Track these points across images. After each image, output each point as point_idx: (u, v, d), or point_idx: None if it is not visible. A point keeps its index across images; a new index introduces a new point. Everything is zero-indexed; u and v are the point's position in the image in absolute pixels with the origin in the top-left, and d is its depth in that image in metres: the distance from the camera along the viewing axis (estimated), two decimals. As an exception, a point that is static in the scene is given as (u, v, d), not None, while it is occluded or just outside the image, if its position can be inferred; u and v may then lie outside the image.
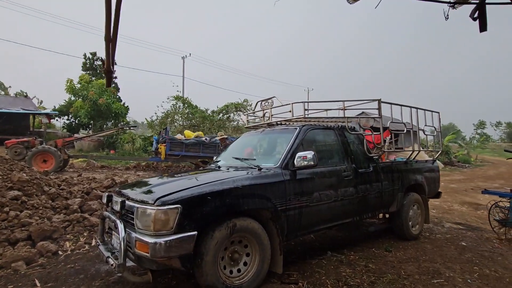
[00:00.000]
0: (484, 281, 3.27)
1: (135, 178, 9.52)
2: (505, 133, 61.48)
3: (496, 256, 4.14)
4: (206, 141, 10.47)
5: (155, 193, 2.59)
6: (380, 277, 3.22)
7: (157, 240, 2.30)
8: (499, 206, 5.15)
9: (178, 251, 2.36)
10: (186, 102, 15.87)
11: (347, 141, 4.09)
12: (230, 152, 4.36)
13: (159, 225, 2.35)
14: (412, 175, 4.83)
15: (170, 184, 2.91)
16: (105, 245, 2.95)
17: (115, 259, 2.49)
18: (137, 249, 2.39)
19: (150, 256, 2.30)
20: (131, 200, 2.67)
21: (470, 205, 8.28)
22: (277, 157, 3.41)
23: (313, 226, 3.43)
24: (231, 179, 2.86)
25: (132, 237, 2.44)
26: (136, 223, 2.47)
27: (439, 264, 3.68)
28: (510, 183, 12.16)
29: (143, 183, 3.18)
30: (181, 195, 2.49)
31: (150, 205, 2.42)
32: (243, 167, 3.42)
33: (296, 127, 3.79)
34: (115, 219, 2.67)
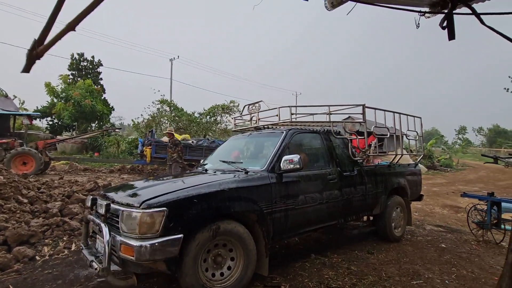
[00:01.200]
0: (461, 282, 3.37)
1: (120, 181, 9.36)
2: (485, 137, 63.67)
3: (473, 258, 4.27)
4: (192, 144, 10.40)
5: (140, 196, 2.56)
6: (361, 279, 3.26)
7: (143, 243, 2.28)
8: (477, 209, 5.32)
9: (164, 254, 2.34)
10: (172, 105, 15.72)
11: (332, 145, 4.15)
12: (217, 156, 4.37)
13: (144, 228, 2.33)
14: (395, 178, 4.94)
15: (155, 187, 2.88)
16: (89, 249, 2.89)
17: (99, 263, 2.45)
18: (122, 252, 2.36)
19: (135, 259, 2.27)
20: (116, 203, 2.64)
21: (451, 208, 8.51)
22: (264, 160, 3.43)
23: (298, 228, 3.45)
24: (217, 182, 2.86)
25: (117, 240, 2.41)
26: (121, 226, 2.44)
27: (419, 266, 3.76)
28: (489, 187, 12.58)
29: (128, 186, 3.15)
30: (167, 198, 2.48)
31: (136, 208, 2.40)
32: (230, 170, 3.43)
33: (282, 130, 3.84)
34: (100, 222, 2.62)
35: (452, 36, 1.55)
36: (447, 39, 1.52)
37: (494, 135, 60.20)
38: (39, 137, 13.06)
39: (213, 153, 4.72)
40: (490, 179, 17.32)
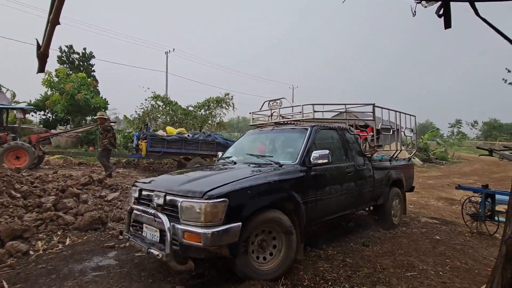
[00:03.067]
0: (454, 273, 3.40)
1: (115, 175, 9.29)
2: (480, 131, 64.15)
3: (467, 249, 4.31)
4: (188, 137, 10.32)
5: (199, 187, 2.73)
6: (356, 271, 3.28)
7: (209, 230, 2.49)
8: (471, 201, 5.36)
9: (227, 240, 2.57)
10: (165, 100, 15.52)
11: (347, 141, 4.47)
12: (241, 149, 4.66)
13: (209, 217, 2.54)
14: (394, 172, 5.34)
15: (207, 179, 3.14)
16: (136, 237, 3.08)
17: (160, 250, 2.64)
18: (185, 239, 2.56)
19: (203, 245, 2.48)
20: (171, 194, 2.81)
21: (446, 201, 8.58)
22: (294, 154, 3.71)
23: (323, 217, 3.81)
24: (263, 175, 3.14)
25: (177, 228, 2.60)
26: (182, 215, 2.65)
27: (413, 258, 3.79)
28: (483, 179, 12.71)
29: (172, 179, 3.47)
30: (226, 190, 2.69)
31: (198, 199, 2.59)
32: (264, 164, 3.66)
33: (306, 127, 4.11)
34: (156, 212, 2.80)
35: (449, 25, 1.52)
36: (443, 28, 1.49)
37: (490, 128, 60.68)
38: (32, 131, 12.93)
39: (233, 146, 4.94)
40: (485, 171, 17.48)
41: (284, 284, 2.86)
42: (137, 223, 3.23)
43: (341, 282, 3.00)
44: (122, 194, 6.25)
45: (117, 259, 3.44)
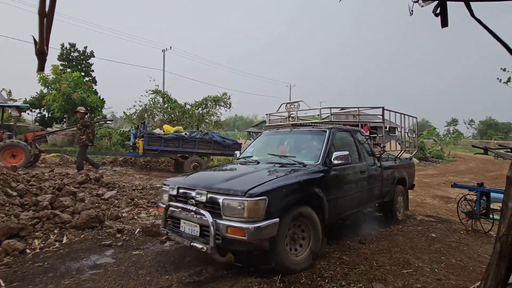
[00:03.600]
0: (450, 270, 3.43)
1: (112, 173, 9.27)
2: (476, 129, 64.59)
3: (462, 247, 4.35)
4: (185, 136, 10.30)
5: (240, 186, 2.91)
6: (353, 268, 3.30)
7: (253, 225, 2.71)
8: (467, 199, 5.41)
9: (268, 234, 2.81)
10: (165, 96, 15.49)
11: (359, 141, 4.72)
12: (261, 149, 4.83)
13: (252, 213, 2.75)
14: (399, 171, 5.66)
15: (244, 178, 3.29)
16: (175, 233, 3.29)
17: (204, 244, 2.86)
18: (229, 233, 2.77)
19: (247, 239, 2.70)
20: (212, 192, 3.00)
21: (442, 199, 8.66)
22: (316, 155, 3.93)
23: (341, 213, 4.06)
24: (293, 174, 3.36)
25: (220, 223, 2.80)
26: (224, 212, 2.85)
27: (409, 255, 3.82)
28: (479, 178, 12.82)
29: (206, 178, 3.60)
30: (265, 188, 2.90)
31: (240, 197, 2.79)
32: (287, 164, 3.85)
33: (324, 129, 4.36)
34: (198, 209, 2.98)
35: (445, 24, 1.54)
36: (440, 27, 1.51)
37: (486, 127, 61.10)
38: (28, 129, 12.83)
39: (253, 146, 5.04)
40: (480, 170, 17.63)
41: (282, 282, 2.87)
42: (173, 219, 3.39)
43: (338, 279, 3.02)
44: (119, 193, 6.24)
45: (114, 257, 3.44)
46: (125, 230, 4.29)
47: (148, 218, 4.91)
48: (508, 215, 1.63)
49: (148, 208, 5.50)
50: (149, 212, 5.29)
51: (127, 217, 4.89)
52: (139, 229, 4.33)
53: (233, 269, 3.12)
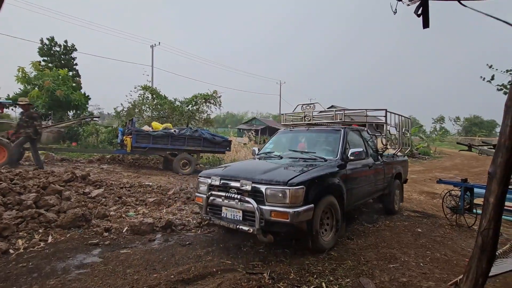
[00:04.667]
0: (434, 264, 3.52)
1: (99, 171, 9.10)
2: (462, 127, 66.13)
3: (446, 241, 4.46)
4: (175, 133, 10.19)
5: (281, 177, 3.40)
6: (341, 263, 3.35)
7: (294, 209, 3.20)
8: (451, 195, 5.55)
9: (306, 217, 3.32)
10: (155, 93, 15.26)
11: (366, 140, 5.28)
12: (279, 145, 5.37)
13: (293, 200, 3.23)
14: (396, 166, 6.21)
15: (281, 170, 3.76)
16: (215, 218, 3.69)
17: (250, 226, 3.29)
18: (272, 217, 3.23)
19: (290, 221, 3.16)
20: (255, 182, 3.43)
21: (428, 194, 8.85)
22: (333, 151, 4.49)
23: (355, 202, 4.56)
24: (321, 167, 3.89)
25: (264, 208, 3.27)
26: (267, 199, 3.31)
27: (396, 250, 3.90)
28: (463, 174, 13.15)
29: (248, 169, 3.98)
30: (302, 179, 3.39)
31: (283, 186, 3.27)
32: (309, 159, 4.37)
33: (339, 128, 4.90)
34: (243, 197, 3.42)
35: (427, 24, 1.56)
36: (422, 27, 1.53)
37: (470, 124, 62.61)
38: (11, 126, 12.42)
39: (272, 143, 5.53)
40: (465, 166, 18.09)
41: (271, 278, 2.89)
42: (213, 206, 3.80)
43: (326, 274, 3.05)
44: (107, 191, 6.14)
45: (101, 257, 3.39)
46: (112, 229, 4.22)
47: (136, 216, 4.85)
48: (489, 210, 1.67)
49: (136, 206, 5.43)
50: (138, 210, 5.22)
51: (115, 215, 4.82)
52: (127, 227, 4.27)
53: (222, 267, 3.12)
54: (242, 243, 3.91)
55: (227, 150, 11.58)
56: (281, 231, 3.47)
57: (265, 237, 3.29)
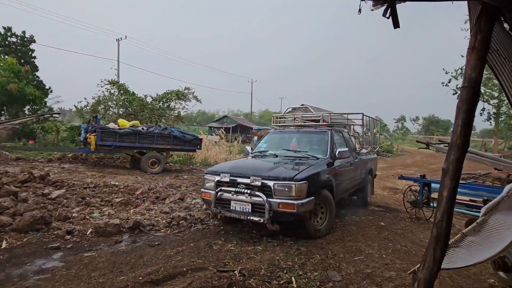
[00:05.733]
0: (395, 255, 3.74)
1: (60, 171, 8.56)
2: (420, 125, 70.47)
3: (407, 233, 4.76)
4: (143, 131, 9.85)
5: (287, 174, 3.90)
6: (309, 258, 3.45)
7: (300, 201, 3.74)
8: (411, 190, 5.91)
9: (309, 208, 3.86)
10: (122, 88, 14.58)
11: (347, 140, 5.87)
12: (272, 144, 5.78)
13: (299, 193, 3.76)
14: (369, 163, 6.93)
15: (284, 167, 4.23)
16: (225, 211, 4.11)
17: (260, 216, 3.78)
18: (280, 208, 3.73)
19: (296, 211, 3.69)
20: (264, 178, 3.89)
21: (390, 190, 9.35)
22: (323, 150, 4.99)
23: (340, 195, 5.03)
24: (316, 164, 4.40)
25: (272, 201, 3.76)
26: (275, 192, 3.80)
27: (361, 243, 4.09)
28: (422, 170, 14.03)
29: (254, 167, 4.48)
30: (305, 175, 3.90)
31: (289, 181, 3.78)
32: (303, 157, 4.82)
33: (326, 130, 5.48)
34: (253, 192, 3.87)
35: (397, 25, 1.66)
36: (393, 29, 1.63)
37: (428, 123, 66.90)
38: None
39: (265, 142, 5.94)
40: (424, 163, 19.33)
41: (242, 275, 2.91)
42: (221, 201, 4.18)
43: (296, 269, 3.13)
44: (69, 191, 5.81)
45: (63, 261, 3.21)
46: (75, 231, 4.01)
47: (101, 218, 4.64)
48: (443, 203, 1.81)
49: (101, 207, 5.20)
50: (103, 211, 5.00)
51: (78, 217, 4.58)
52: (92, 229, 4.08)
53: (192, 266, 3.09)
54: (213, 242, 3.89)
55: (198, 148, 11.42)
56: (287, 220, 3.89)
57: (272, 225, 3.79)
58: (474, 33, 1.80)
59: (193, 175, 10.10)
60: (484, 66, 1.77)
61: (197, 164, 13.25)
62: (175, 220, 4.67)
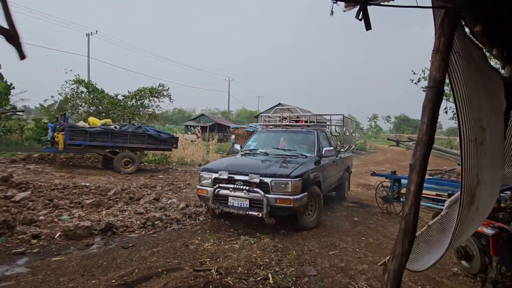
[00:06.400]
0: (368, 249, 3.88)
1: (24, 172, 8.07)
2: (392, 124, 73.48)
3: (379, 227, 4.95)
4: (115, 129, 9.50)
5: (283, 171, 4.19)
6: (286, 254, 3.50)
7: (296, 197, 4.07)
8: (383, 186, 6.15)
9: (303, 203, 4.19)
10: (90, 86, 13.96)
11: (329, 139, 6.24)
12: (261, 143, 6.04)
13: (294, 189, 4.07)
14: (347, 161, 7.33)
15: (280, 165, 4.51)
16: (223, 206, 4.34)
17: (258, 211, 4.06)
18: (277, 203, 4.02)
19: (292, 206, 4.03)
20: (262, 176, 4.16)
21: (364, 186, 9.67)
22: (311, 149, 5.35)
23: (325, 191, 5.33)
24: (307, 163, 4.69)
25: (269, 197, 4.03)
26: (272, 189, 4.08)
27: (335, 238, 4.20)
28: (394, 167, 14.63)
29: (249, 165, 4.65)
30: (299, 172, 4.22)
31: (286, 178, 4.08)
32: (293, 155, 5.14)
33: (311, 130, 5.85)
34: (251, 188, 4.14)
35: (369, 27, 1.71)
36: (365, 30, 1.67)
37: (400, 122, 69.87)
38: None
39: (255, 140, 6.20)
40: (395, 160, 20.17)
41: (219, 274, 2.90)
42: (218, 197, 4.38)
43: (272, 266, 3.17)
44: (35, 193, 5.50)
45: (28, 266, 3.04)
46: (42, 235, 3.80)
47: (71, 220, 4.44)
48: (410, 197, 1.90)
49: (71, 209, 4.97)
50: (72, 213, 4.79)
51: (45, 220, 4.35)
52: (60, 232, 3.88)
53: (168, 267, 3.04)
54: (189, 242, 3.84)
55: (174, 147, 11.19)
56: (283, 214, 4.22)
57: (269, 219, 4.07)
58: (438, 35, 1.90)
59: (169, 175, 9.90)
60: (447, 67, 1.87)
61: (173, 164, 13.00)
62: (150, 221, 4.57)
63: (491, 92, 2.21)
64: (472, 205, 1.95)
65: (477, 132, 1.90)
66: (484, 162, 2.01)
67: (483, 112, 2.00)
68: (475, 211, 2.01)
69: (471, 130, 1.82)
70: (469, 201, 1.89)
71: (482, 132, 1.96)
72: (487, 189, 2.06)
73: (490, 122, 2.04)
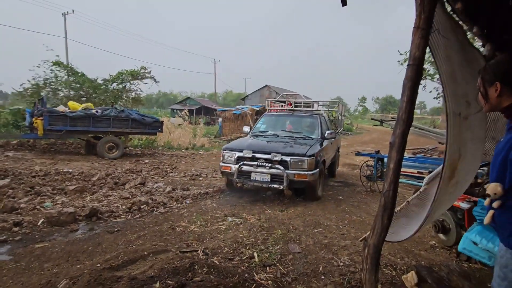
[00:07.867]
0: (351, 225, 4.00)
1: (3, 159, 7.79)
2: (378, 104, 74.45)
3: (362, 205, 5.09)
4: (97, 113, 9.23)
5: (300, 151, 4.89)
6: (271, 233, 3.57)
7: (311, 172, 4.78)
8: (367, 165, 6.28)
9: (316, 177, 4.89)
10: (69, 69, 13.39)
11: (328, 122, 6.90)
12: (270, 125, 6.60)
13: (310, 166, 4.77)
14: (338, 141, 7.98)
15: (296, 145, 5.16)
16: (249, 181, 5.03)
17: (279, 184, 4.79)
18: (295, 178, 4.73)
19: (308, 180, 4.75)
20: (282, 154, 4.83)
21: (349, 166, 9.85)
22: (316, 131, 5.99)
23: (326, 168, 5.99)
24: (315, 143, 5.37)
25: (288, 172, 4.72)
26: (291, 166, 4.76)
27: (320, 216, 4.31)
28: (378, 146, 14.91)
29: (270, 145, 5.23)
30: (313, 151, 4.90)
31: (302, 157, 4.78)
32: (300, 137, 5.76)
33: (315, 114, 6.65)
34: (273, 165, 4.81)
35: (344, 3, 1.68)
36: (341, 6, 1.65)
37: (386, 103, 70.81)
38: None
39: (264, 123, 6.73)
40: (380, 140, 20.56)
41: (205, 254, 2.93)
42: (241, 173, 5.00)
43: (258, 245, 3.23)
44: (15, 181, 5.36)
45: (11, 254, 2.99)
46: (24, 223, 3.73)
47: (54, 207, 4.36)
48: (390, 174, 1.93)
49: (53, 196, 4.88)
50: (55, 200, 4.69)
51: (27, 208, 4.25)
52: (43, 219, 3.82)
53: (154, 249, 3.05)
54: (176, 225, 3.85)
55: (159, 131, 11.02)
56: (300, 187, 4.99)
57: (288, 191, 4.87)
58: (419, 13, 1.88)
59: (155, 159, 9.80)
60: (427, 44, 1.87)
61: (159, 148, 12.84)
62: (136, 205, 4.54)
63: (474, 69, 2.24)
64: (452, 178, 1.99)
65: (462, 107, 1.92)
66: (467, 137, 2.05)
67: (469, 87, 2.01)
68: (454, 184, 2.06)
69: (456, 104, 1.83)
70: (450, 175, 1.93)
71: (467, 106, 1.98)
72: (468, 163, 2.12)
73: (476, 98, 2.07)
